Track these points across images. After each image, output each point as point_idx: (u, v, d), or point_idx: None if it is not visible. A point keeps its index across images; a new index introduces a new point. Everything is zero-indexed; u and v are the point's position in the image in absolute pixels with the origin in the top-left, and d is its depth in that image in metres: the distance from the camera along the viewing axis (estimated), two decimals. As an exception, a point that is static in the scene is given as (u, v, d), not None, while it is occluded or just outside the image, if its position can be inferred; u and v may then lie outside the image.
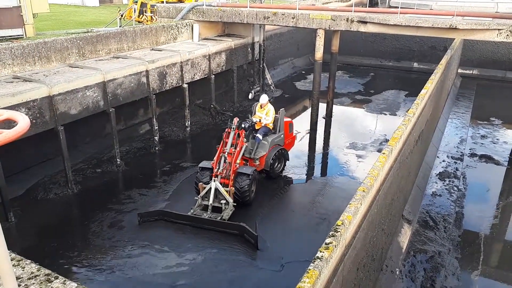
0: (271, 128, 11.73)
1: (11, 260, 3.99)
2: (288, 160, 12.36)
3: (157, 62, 13.35)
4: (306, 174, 13.04)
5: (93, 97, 11.38)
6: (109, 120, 12.08)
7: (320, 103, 16.58)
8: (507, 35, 12.56)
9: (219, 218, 9.43)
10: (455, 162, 13.83)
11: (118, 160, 12.41)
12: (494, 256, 9.73)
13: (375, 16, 14.15)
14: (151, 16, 20.80)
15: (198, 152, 13.78)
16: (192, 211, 9.73)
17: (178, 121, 15.64)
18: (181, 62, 14.39)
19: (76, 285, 3.85)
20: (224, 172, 9.94)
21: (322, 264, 4.27)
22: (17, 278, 3.90)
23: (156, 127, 13.76)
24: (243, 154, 10.70)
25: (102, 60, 13.09)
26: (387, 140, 13.06)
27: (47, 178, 11.27)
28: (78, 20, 24.95)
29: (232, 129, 10.50)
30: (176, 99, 15.89)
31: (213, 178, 9.78)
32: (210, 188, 9.67)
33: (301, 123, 17.16)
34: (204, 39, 17.44)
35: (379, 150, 14.22)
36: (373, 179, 6.21)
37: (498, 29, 12.64)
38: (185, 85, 14.72)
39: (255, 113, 11.99)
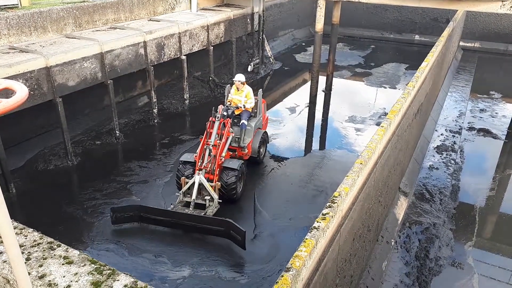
0: (250, 111, 10.75)
1: (14, 228, 4.07)
2: (268, 143, 11.89)
3: (155, 33, 13.15)
4: (304, 148, 13.11)
5: (90, 69, 11.28)
6: (107, 92, 12.02)
7: (320, 76, 16.46)
8: (511, 7, 12.35)
9: (203, 214, 8.41)
10: (453, 136, 13.87)
11: (117, 132, 12.43)
12: (489, 228, 9.92)
13: (377, -13, 13.86)
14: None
15: (197, 125, 13.77)
16: (172, 206, 8.73)
17: (177, 93, 15.56)
18: (179, 33, 14.17)
19: (78, 252, 3.95)
20: (209, 166, 8.93)
21: (319, 234, 4.37)
22: (20, 246, 4.00)
23: (155, 100, 13.70)
24: (230, 144, 9.78)
25: (99, 30, 12.89)
26: (386, 114, 13.06)
27: (47, 150, 11.32)
28: (74, -11, 24.39)
29: (216, 118, 9.43)
30: (174, 71, 15.75)
31: (196, 171, 8.77)
32: (194, 183, 8.68)
33: (301, 97, 17.09)
34: (203, 9, 17.11)
35: (378, 124, 14.24)
36: (370, 152, 6.26)
37: (502, 1, 12.41)
38: (183, 57, 14.55)
39: (230, 97, 10.77)
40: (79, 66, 10.93)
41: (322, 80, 16.98)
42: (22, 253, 3.86)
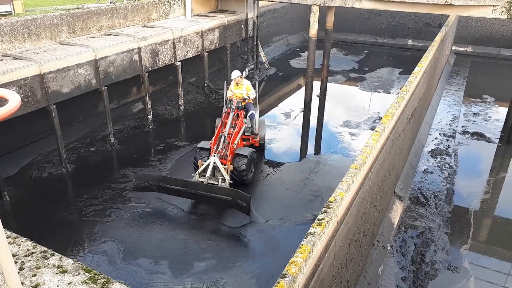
0: (252, 102, 11.78)
1: (7, 238, 4.03)
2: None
3: (149, 39, 13.16)
4: (300, 153, 13.12)
5: (85, 75, 11.25)
6: (102, 99, 11.98)
7: (314, 81, 16.52)
8: (502, 11, 12.49)
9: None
10: (447, 140, 13.96)
11: (111, 139, 12.38)
12: (484, 231, 9.96)
13: (370, -8, 13.96)
14: (142, -8, 20.33)
15: (192, 131, 13.76)
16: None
17: (172, 99, 15.55)
18: (174, 39, 14.19)
19: (72, 261, 3.91)
20: (223, 151, 9.78)
21: (315, 240, 4.36)
22: (13, 255, 3.96)
23: (150, 106, 13.68)
24: (243, 133, 10.80)
25: (93, 37, 12.88)
26: (380, 118, 13.11)
27: (41, 157, 11.25)
28: (68, -4, 24.33)
29: (232, 110, 10.46)
30: (169, 77, 15.74)
31: (212, 154, 9.66)
32: (209, 164, 9.52)
33: (295, 102, 17.14)
34: (197, 15, 17.16)
35: (372, 128, 14.29)
36: (365, 157, 6.28)
37: (493, 5, 12.55)
38: (178, 63, 14.56)
39: (230, 93, 11.51)
40: (73, 73, 10.90)
41: (316, 85, 17.05)
42: (15, 262, 3.83)
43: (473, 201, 10.79)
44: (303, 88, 17.08)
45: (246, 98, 11.31)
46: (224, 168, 9.62)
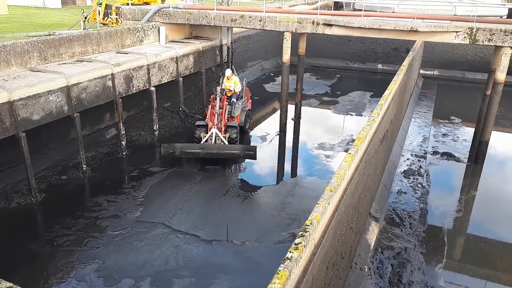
0: (238, 94, 15.09)
1: (-30, 274, 3.85)
2: (251, 118, 16.50)
3: (123, 65, 13.12)
4: (276, 176, 13.15)
5: (56, 102, 11.05)
6: (74, 125, 11.76)
7: (289, 105, 16.77)
8: (464, 37, 13.14)
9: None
10: (419, 160, 14.32)
11: (84, 166, 12.10)
12: (457, 249, 10.14)
13: (340, 19, 14.46)
14: (116, 19, 20.36)
15: (167, 156, 13.60)
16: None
17: (146, 124, 15.41)
18: (148, 65, 14.20)
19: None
20: (219, 124, 13.28)
21: (292, 265, 4.33)
22: (-23, 292, 3.76)
23: (123, 132, 13.51)
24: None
25: (65, 63, 12.74)
26: (353, 140, 13.34)
27: (9, 187, 10.85)
28: (40, 23, 24.13)
29: (217, 95, 13.75)
30: (143, 103, 15.65)
31: (213, 127, 13.12)
32: (212, 134, 13.03)
33: (271, 125, 17.30)
34: (171, 41, 17.28)
35: (346, 150, 14.51)
36: (340, 179, 6.35)
37: (456, 31, 13.20)
38: (153, 88, 14.53)
39: (223, 84, 15.11)
40: (44, 100, 10.69)
41: (291, 108, 17.30)
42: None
43: (446, 220, 11.01)
44: (278, 112, 17.30)
45: (232, 91, 14.87)
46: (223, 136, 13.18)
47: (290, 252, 4.50)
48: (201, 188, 11.77)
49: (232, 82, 15.02)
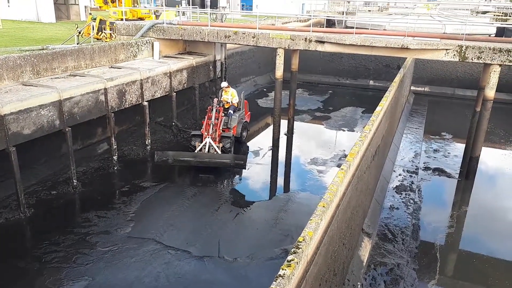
0: (236, 106, 15.63)
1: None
2: (249, 130, 16.88)
3: (116, 80, 13.12)
4: (269, 191, 13.12)
5: (48, 116, 10.98)
6: (65, 140, 11.67)
7: (281, 120, 16.85)
8: (454, 54, 13.38)
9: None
10: (411, 176, 14.38)
11: (74, 181, 11.97)
12: (450, 265, 10.12)
13: (332, 36, 14.67)
14: (110, 34, 20.42)
15: (158, 171, 13.52)
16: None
17: (138, 139, 15.35)
18: (141, 79, 14.22)
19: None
20: (213, 134, 13.70)
21: (285, 282, 4.29)
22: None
23: (115, 146, 13.43)
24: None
25: (58, 78, 12.71)
26: (346, 155, 13.40)
27: (-3, 202, 10.68)
28: (33, 37, 24.11)
29: (213, 107, 14.15)
30: (136, 117, 15.62)
31: (207, 136, 13.54)
32: (205, 143, 13.47)
33: (264, 140, 17.33)
34: (165, 56, 17.36)
35: (339, 165, 14.54)
36: (332, 195, 6.35)
37: (446, 49, 13.44)
38: (145, 103, 14.52)
39: (221, 96, 15.61)
40: (36, 114, 10.62)
41: (284, 123, 17.37)
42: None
43: (438, 235, 11.01)
44: (271, 127, 17.36)
45: (229, 102, 15.46)
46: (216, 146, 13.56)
47: (283, 269, 4.46)
48: (193, 203, 11.68)
49: (229, 94, 15.58)
